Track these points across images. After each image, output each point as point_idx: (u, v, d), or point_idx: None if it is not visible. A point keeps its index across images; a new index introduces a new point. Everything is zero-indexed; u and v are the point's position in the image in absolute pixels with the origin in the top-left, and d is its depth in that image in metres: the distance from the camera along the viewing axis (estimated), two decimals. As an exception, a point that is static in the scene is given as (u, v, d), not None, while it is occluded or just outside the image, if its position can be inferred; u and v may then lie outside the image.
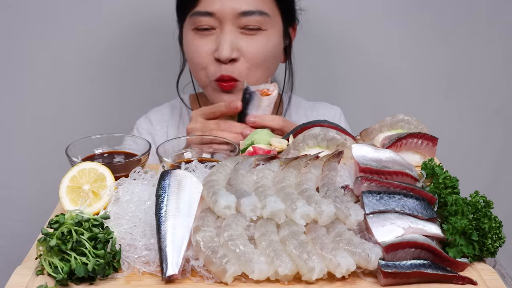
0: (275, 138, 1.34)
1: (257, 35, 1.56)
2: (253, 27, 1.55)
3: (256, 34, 1.56)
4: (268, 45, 1.58)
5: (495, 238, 1.00)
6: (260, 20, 1.55)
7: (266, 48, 1.58)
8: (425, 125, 1.34)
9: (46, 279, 0.95)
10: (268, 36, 1.58)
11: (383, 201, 1.03)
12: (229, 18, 1.53)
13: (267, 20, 1.56)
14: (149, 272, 0.97)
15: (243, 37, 1.56)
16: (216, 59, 1.56)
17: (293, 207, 1.00)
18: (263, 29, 1.57)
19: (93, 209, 1.09)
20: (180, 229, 0.98)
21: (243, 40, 1.56)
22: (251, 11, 1.54)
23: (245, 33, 1.56)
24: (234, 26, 1.54)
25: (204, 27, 1.56)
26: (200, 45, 1.57)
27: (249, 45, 1.56)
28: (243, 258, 0.93)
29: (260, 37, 1.57)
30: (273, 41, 1.60)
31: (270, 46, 1.59)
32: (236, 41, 1.55)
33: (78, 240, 0.95)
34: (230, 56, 1.53)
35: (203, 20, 1.55)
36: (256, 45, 1.56)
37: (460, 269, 0.99)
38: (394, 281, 0.94)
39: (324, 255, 0.94)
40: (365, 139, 1.35)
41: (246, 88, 1.51)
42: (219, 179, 1.08)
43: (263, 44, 1.57)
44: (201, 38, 1.57)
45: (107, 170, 1.14)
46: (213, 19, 1.54)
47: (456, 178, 1.11)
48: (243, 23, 1.54)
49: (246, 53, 1.56)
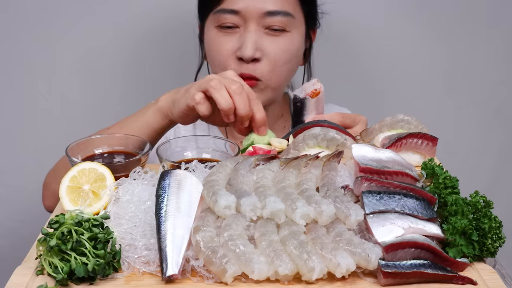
0: (275, 138, 1.34)
1: (281, 36, 1.55)
2: (277, 28, 1.54)
3: (280, 35, 1.55)
4: (291, 47, 1.57)
5: (495, 238, 1.00)
6: (285, 21, 1.54)
7: (289, 50, 1.57)
8: (425, 125, 1.34)
9: (46, 279, 0.95)
10: (291, 38, 1.57)
11: (383, 201, 1.03)
12: (254, 17, 1.52)
13: (292, 21, 1.55)
14: (149, 272, 0.97)
15: (267, 38, 1.54)
16: (238, 58, 1.54)
17: (293, 207, 1.00)
18: (287, 30, 1.55)
19: (93, 209, 1.09)
20: (180, 229, 0.98)
21: (267, 41, 1.54)
22: (276, 11, 1.52)
23: (269, 34, 1.54)
24: (258, 26, 1.53)
25: (228, 25, 1.54)
26: (223, 43, 1.56)
27: (273, 46, 1.54)
28: (243, 258, 0.93)
29: (284, 39, 1.55)
30: (296, 43, 1.58)
31: (293, 48, 1.58)
32: (260, 41, 1.53)
33: (78, 240, 0.95)
34: (253, 55, 1.52)
35: (227, 18, 1.54)
36: (280, 47, 1.55)
37: (460, 269, 0.99)
38: (394, 281, 0.94)
39: (324, 255, 0.94)
40: (365, 139, 1.35)
41: (294, 97, 1.46)
42: (219, 179, 1.08)
43: (286, 46, 1.56)
44: (224, 36, 1.56)
45: (107, 170, 1.14)
46: (238, 17, 1.53)
47: (456, 178, 1.11)
48: (267, 23, 1.53)
49: (269, 54, 1.54)
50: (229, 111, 1.27)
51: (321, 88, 1.44)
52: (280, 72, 1.57)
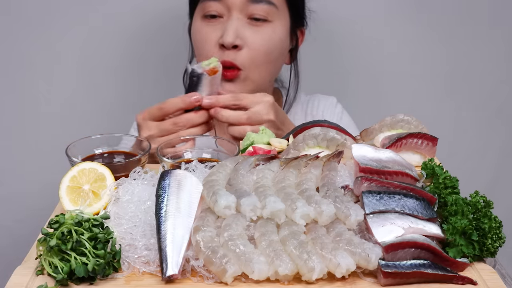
0: (275, 138, 1.34)
1: (263, 26, 1.58)
2: (259, 18, 1.57)
3: (262, 25, 1.58)
4: (273, 37, 1.60)
5: (495, 238, 1.00)
6: (267, 9, 1.57)
7: (270, 40, 1.59)
8: (425, 125, 1.34)
9: (46, 279, 0.95)
10: (273, 28, 1.60)
11: (383, 201, 1.03)
12: (237, 4, 1.55)
13: (274, 11, 1.58)
14: (149, 272, 0.97)
15: (249, 27, 1.58)
16: (220, 45, 1.56)
17: (293, 207, 1.00)
18: (269, 20, 1.58)
19: (93, 209, 1.09)
20: (180, 229, 0.98)
21: (249, 30, 1.57)
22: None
23: (252, 24, 1.58)
24: (241, 15, 1.57)
25: (212, 14, 1.58)
26: (207, 32, 1.59)
27: (254, 35, 1.57)
28: (243, 258, 0.93)
29: (265, 29, 1.59)
30: (278, 34, 1.61)
31: (275, 39, 1.60)
32: (242, 29, 1.56)
33: (78, 240, 0.95)
34: (233, 42, 1.54)
35: (212, 6, 1.57)
36: (261, 36, 1.58)
37: (460, 269, 0.99)
38: (394, 281, 0.94)
39: (324, 255, 0.94)
40: (365, 139, 1.35)
41: (191, 71, 1.46)
42: (219, 179, 1.08)
43: (268, 35, 1.59)
44: (208, 25, 1.59)
45: (107, 170, 1.14)
46: (222, 6, 1.57)
47: (456, 178, 1.11)
48: (250, 11, 1.56)
49: (250, 43, 1.57)
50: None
51: (220, 67, 1.48)
52: (261, 62, 1.59)
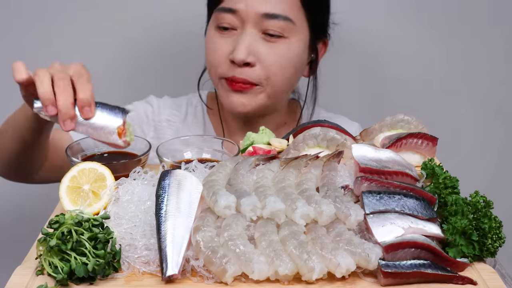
0: (275, 138, 1.34)
1: (278, 42, 1.49)
2: (274, 33, 1.48)
3: (277, 41, 1.49)
4: (288, 53, 1.51)
5: (495, 238, 1.00)
6: (283, 26, 1.48)
7: (285, 56, 1.50)
8: (425, 125, 1.34)
9: (46, 279, 0.95)
10: (289, 45, 1.50)
11: (383, 201, 1.03)
12: (252, 18, 1.47)
13: (291, 27, 1.49)
14: (149, 272, 0.97)
15: (264, 43, 1.49)
16: (230, 61, 1.49)
17: (293, 207, 1.00)
18: (285, 36, 1.49)
19: (93, 209, 1.09)
20: (180, 229, 0.98)
21: (263, 46, 1.49)
22: (275, 14, 1.46)
23: (266, 39, 1.49)
24: (255, 29, 1.48)
25: (225, 26, 1.50)
26: (218, 43, 1.52)
27: (268, 52, 1.49)
28: (243, 258, 0.93)
29: (280, 45, 1.49)
30: (294, 50, 1.52)
31: (290, 55, 1.51)
32: (255, 45, 1.48)
33: (78, 240, 0.95)
34: (245, 59, 1.46)
35: (225, 17, 1.50)
36: (275, 53, 1.49)
37: (460, 269, 0.99)
38: (394, 281, 0.94)
39: (324, 255, 0.94)
40: (365, 139, 1.35)
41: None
42: (219, 179, 1.08)
43: (283, 52, 1.50)
44: (221, 37, 1.52)
45: (107, 170, 1.14)
46: (236, 18, 1.48)
47: (456, 178, 1.11)
48: (265, 26, 1.47)
49: (263, 60, 1.49)
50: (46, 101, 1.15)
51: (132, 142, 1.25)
52: (276, 79, 1.51)
